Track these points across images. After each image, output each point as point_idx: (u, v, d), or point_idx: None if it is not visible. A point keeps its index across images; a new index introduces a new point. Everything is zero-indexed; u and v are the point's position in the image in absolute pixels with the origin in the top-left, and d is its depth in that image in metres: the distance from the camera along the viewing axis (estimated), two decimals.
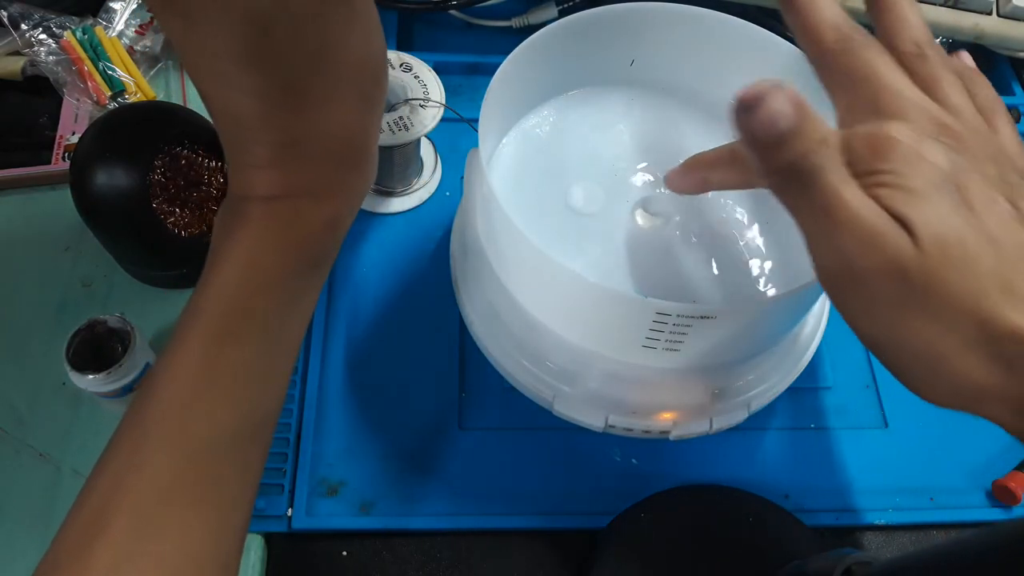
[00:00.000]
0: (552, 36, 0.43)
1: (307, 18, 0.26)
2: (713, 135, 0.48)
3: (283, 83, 0.27)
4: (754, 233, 0.45)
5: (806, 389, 0.50)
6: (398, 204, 0.55)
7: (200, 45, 0.25)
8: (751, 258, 0.44)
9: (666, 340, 0.37)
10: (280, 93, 0.27)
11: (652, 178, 0.46)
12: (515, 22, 0.64)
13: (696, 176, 0.38)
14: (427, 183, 0.56)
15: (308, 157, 0.29)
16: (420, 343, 0.50)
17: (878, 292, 0.24)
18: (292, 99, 0.27)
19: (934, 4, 0.60)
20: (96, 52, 0.59)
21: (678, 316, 0.35)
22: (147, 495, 0.27)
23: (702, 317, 0.35)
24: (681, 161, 0.39)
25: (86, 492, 0.28)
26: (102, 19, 0.61)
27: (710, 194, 0.46)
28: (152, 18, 0.63)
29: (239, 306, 0.29)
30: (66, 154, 0.56)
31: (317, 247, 0.31)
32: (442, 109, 0.50)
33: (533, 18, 0.63)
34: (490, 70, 0.40)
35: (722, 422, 0.42)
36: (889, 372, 0.26)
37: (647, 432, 0.42)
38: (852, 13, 0.65)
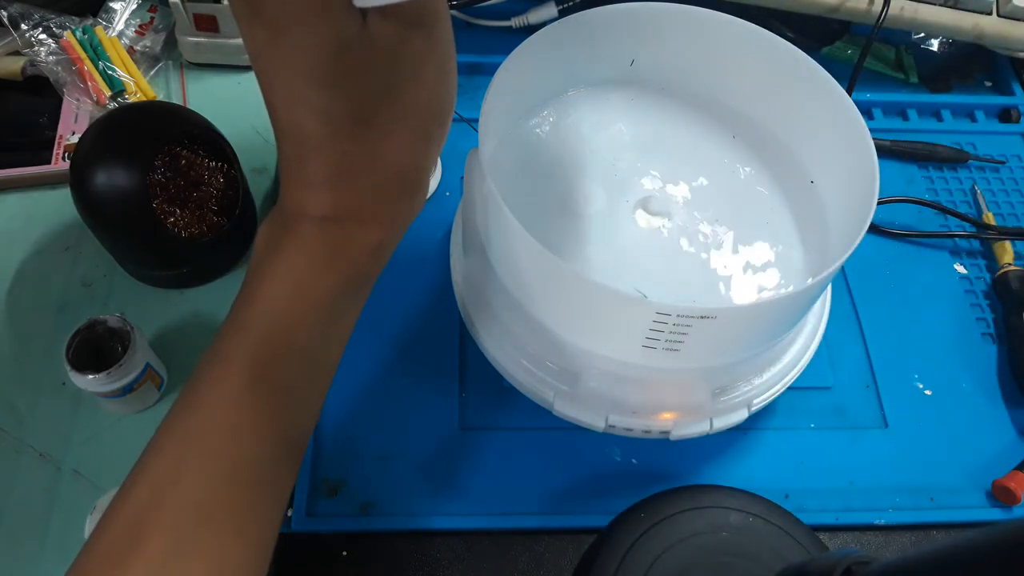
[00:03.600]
0: (552, 36, 0.43)
1: (387, 47, 0.26)
2: (713, 135, 0.49)
3: (352, 108, 0.27)
4: (754, 233, 0.45)
5: (806, 389, 0.50)
6: None
7: (280, 59, 0.25)
8: (751, 258, 0.44)
9: (666, 340, 0.37)
10: (347, 118, 0.27)
11: (652, 178, 0.46)
12: (515, 22, 0.64)
13: None
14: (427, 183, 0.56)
15: (363, 184, 0.29)
16: (420, 343, 0.50)
17: None
18: (358, 126, 0.27)
19: (934, 4, 0.60)
20: (96, 52, 0.59)
21: (678, 316, 0.35)
22: (186, 513, 0.27)
23: (702, 317, 0.35)
24: (681, 162, 0.39)
25: (121, 501, 0.27)
26: (102, 19, 0.61)
27: (710, 194, 0.46)
28: (152, 18, 0.63)
29: (285, 326, 0.29)
30: (66, 154, 0.56)
31: (363, 270, 0.31)
32: None
33: (533, 18, 0.63)
34: (490, 70, 0.40)
35: (722, 422, 0.42)
36: None
37: (647, 432, 0.42)
38: (852, 12, 0.64)
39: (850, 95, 0.42)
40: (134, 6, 0.62)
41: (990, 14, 0.61)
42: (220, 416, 0.28)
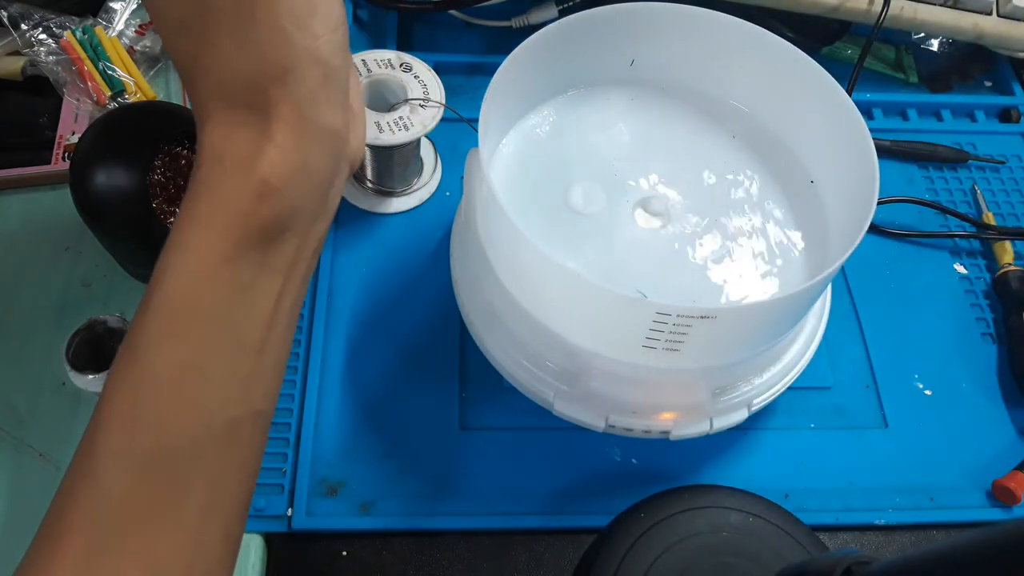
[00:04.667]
0: (552, 36, 0.43)
1: None
2: (713, 135, 0.49)
3: (198, 9, 0.26)
4: (754, 233, 0.45)
5: (806, 389, 0.50)
6: (398, 204, 0.55)
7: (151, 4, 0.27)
8: (751, 258, 0.44)
9: (666, 340, 0.37)
10: (199, 22, 0.26)
11: (652, 178, 0.46)
12: (515, 22, 0.64)
13: None
14: (427, 183, 0.56)
15: (237, 90, 0.27)
16: (420, 343, 0.50)
17: None
18: (209, 26, 0.27)
19: (934, 4, 0.60)
20: (96, 52, 0.59)
21: (678, 316, 0.35)
22: (100, 510, 0.26)
23: (702, 317, 0.35)
24: (682, 162, 0.39)
25: (49, 508, 0.27)
26: (102, 19, 0.61)
27: (710, 194, 0.46)
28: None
29: (177, 300, 0.27)
30: (66, 154, 0.56)
31: (265, 212, 0.27)
32: (442, 109, 0.50)
33: (533, 18, 0.63)
34: (490, 70, 0.40)
35: (722, 422, 0.42)
36: None
37: (647, 432, 0.42)
38: (852, 12, 0.65)
39: (850, 95, 0.42)
40: (134, 6, 0.62)
41: (990, 14, 0.61)
42: (122, 407, 0.27)
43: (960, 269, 0.56)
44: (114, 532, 0.26)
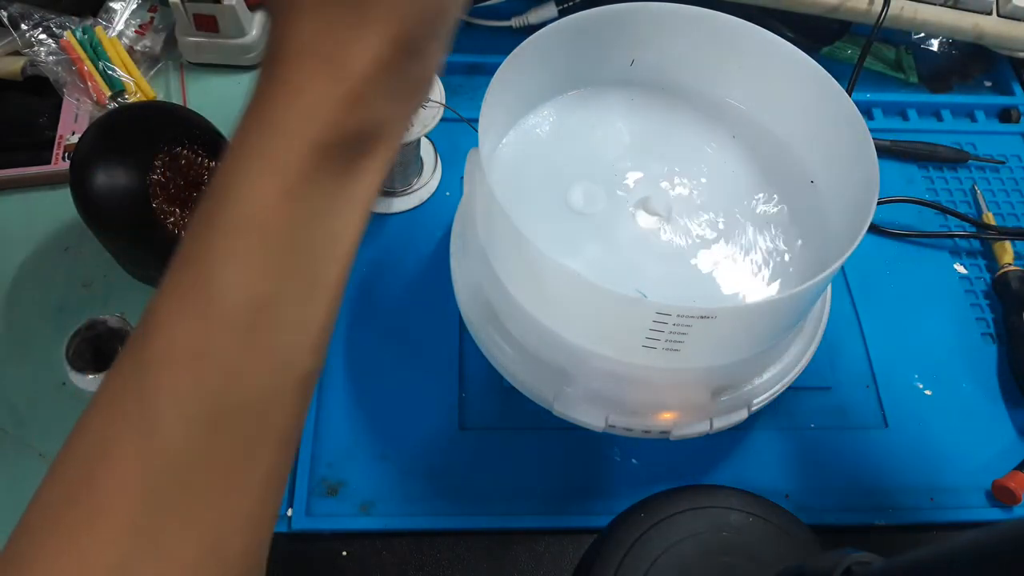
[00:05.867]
0: (552, 36, 0.43)
1: None
2: (713, 135, 0.49)
3: None
4: (754, 233, 0.45)
5: (806, 389, 0.50)
6: (398, 204, 0.55)
7: None
8: (751, 258, 0.44)
9: (666, 340, 0.37)
10: None
11: (652, 178, 0.46)
12: (515, 22, 0.64)
13: None
14: (427, 183, 0.56)
15: None
16: (420, 343, 0.50)
17: None
18: None
19: (934, 4, 0.60)
20: (96, 52, 0.59)
21: (678, 316, 0.35)
22: (158, 467, 0.21)
23: (702, 317, 0.35)
24: (682, 162, 0.39)
25: (62, 464, 0.23)
26: (102, 19, 0.61)
27: (710, 194, 0.46)
28: (152, 18, 0.63)
29: (252, 221, 0.22)
30: (66, 154, 0.56)
31: (353, 122, 0.23)
32: (442, 109, 0.50)
33: (533, 18, 0.63)
34: (490, 70, 0.40)
35: (722, 422, 0.42)
36: None
37: (647, 432, 0.42)
38: (852, 12, 0.64)
39: (850, 95, 0.42)
40: (134, 6, 0.62)
41: (990, 14, 0.61)
42: (186, 343, 0.22)
43: (960, 269, 0.56)
44: (174, 496, 0.21)
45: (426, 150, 0.57)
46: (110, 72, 0.58)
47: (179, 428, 0.22)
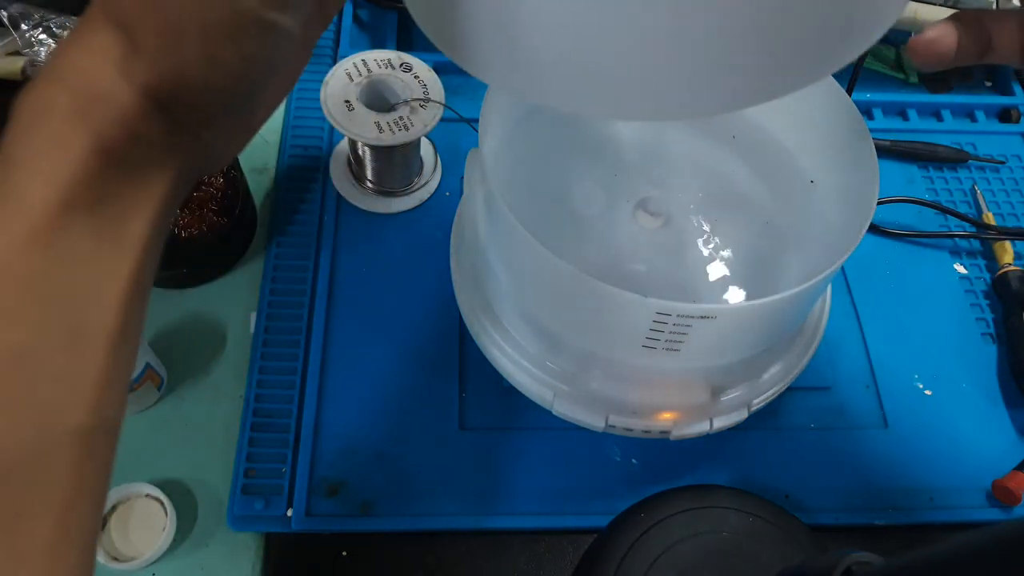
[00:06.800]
0: None
1: None
2: (714, 135, 0.48)
3: None
4: (755, 233, 0.45)
5: (806, 389, 0.50)
6: (398, 204, 0.55)
7: None
8: (751, 259, 0.44)
9: (666, 340, 0.37)
10: None
11: (652, 178, 0.46)
12: None
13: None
14: (427, 183, 0.56)
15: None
16: (420, 343, 0.50)
17: None
18: None
19: (934, 4, 0.60)
20: None
21: (678, 316, 0.35)
22: None
23: (702, 317, 0.35)
24: (681, 162, 0.39)
25: None
26: None
27: (710, 194, 0.46)
28: None
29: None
30: None
31: (124, 142, 0.21)
32: (442, 109, 0.50)
33: None
34: None
35: (722, 422, 0.42)
36: None
37: (647, 432, 0.42)
38: None
39: (850, 95, 0.42)
40: None
41: None
42: None
43: (960, 269, 0.56)
44: None
45: (426, 150, 0.57)
46: None
47: None
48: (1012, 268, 0.54)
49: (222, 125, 0.23)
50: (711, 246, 0.44)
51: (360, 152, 0.53)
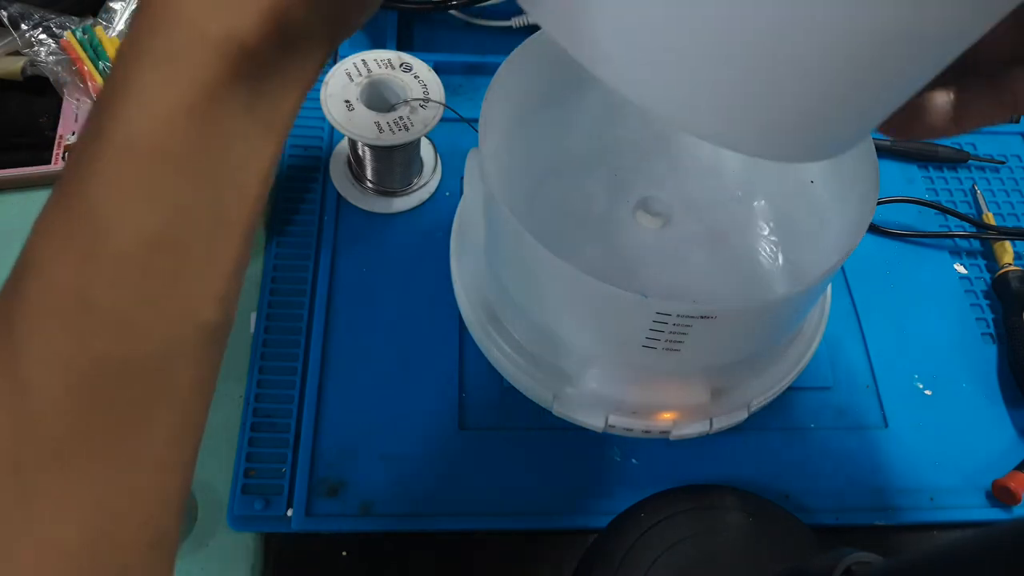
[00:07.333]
0: None
1: None
2: None
3: None
4: (755, 234, 0.45)
5: (806, 389, 0.50)
6: (398, 204, 0.55)
7: None
8: (752, 259, 0.44)
9: (666, 340, 0.37)
10: None
11: (652, 178, 0.46)
12: (515, 22, 0.64)
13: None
14: (427, 183, 0.56)
15: None
16: (420, 343, 0.50)
17: None
18: None
19: None
20: (96, 52, 0.59)
21: (678, 316, 0.35)
22: (26, 442, 0.19)
23: (702, 317, 0.35)
24: (681, 162, 0.39)
25: None
26: (102, 19, 0.61)
27: (710, 194, 0.46)
28: None
29: (147, 146, 0.19)
30: (66, 154, 0.56)
31: (268, 28, 0.19)
32: (442, 109, 0.50)
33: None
34: (490, 70, 0.40)
35: (722, 422, 0.42)
36: None
37: (647, 432, 0.42)
38: None
39: None
40: (134, 6, 0.62)
41: None
42: (66, 292, 0.19)
43: (960, 269, 0.56)
44: (48, 474, 0.19)
45: (426, 150, 0.57)
46: (110, 72, 0.58)
47: (54, 391, 0.19)
48: (1012, 268, 0.54)
49: None
50: (711, 246, 0.44)
51: (360, 152, 0.53)
